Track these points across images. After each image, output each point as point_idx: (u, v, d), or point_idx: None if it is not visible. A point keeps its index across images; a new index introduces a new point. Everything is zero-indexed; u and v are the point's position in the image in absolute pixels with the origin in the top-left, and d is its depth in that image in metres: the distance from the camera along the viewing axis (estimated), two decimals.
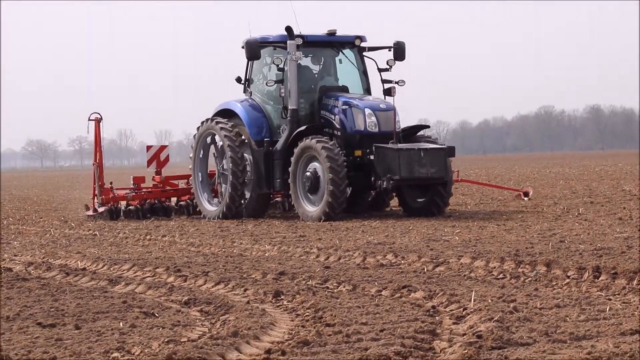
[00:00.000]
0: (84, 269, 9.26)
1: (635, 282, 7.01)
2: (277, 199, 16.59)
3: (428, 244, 10.33)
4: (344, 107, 14.71)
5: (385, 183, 14.01)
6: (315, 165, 14.36)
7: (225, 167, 15.43)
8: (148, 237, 12.78)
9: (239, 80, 15.83)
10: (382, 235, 11.61)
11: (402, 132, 14.77)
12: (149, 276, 8.54)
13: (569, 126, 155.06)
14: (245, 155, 15.27)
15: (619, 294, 6.68)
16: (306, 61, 15.43)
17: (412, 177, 14.12)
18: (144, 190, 16.87)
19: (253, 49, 15.02)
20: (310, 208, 14.45)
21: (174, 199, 16.99)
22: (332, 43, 15.46)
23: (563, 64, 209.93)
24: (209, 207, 15.80)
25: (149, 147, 17.49)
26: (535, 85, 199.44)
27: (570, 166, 41.69)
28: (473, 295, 6.64)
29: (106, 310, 6.65)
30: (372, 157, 14.25)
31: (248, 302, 6.91)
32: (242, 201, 15.35)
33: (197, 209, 16.21)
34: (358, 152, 14.47)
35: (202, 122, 15.89)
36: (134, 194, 16.68)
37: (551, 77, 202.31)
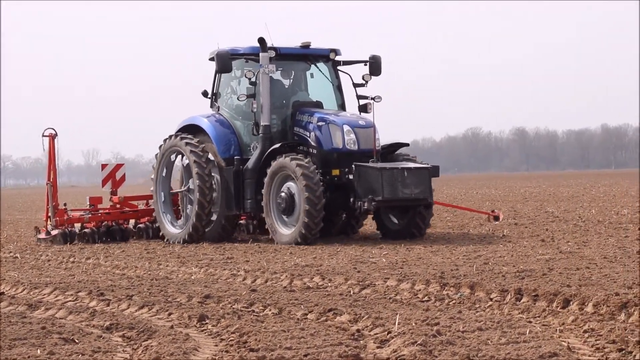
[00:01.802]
0: (2, 293, 8.99)
1: (554, 304, 7.15)
2: (241, 221, 15.69)
3: (355, 266, 10.36)
4: (319, 123, 13.99)
5: (366, 204, 13.22)
6: (290, 185, 13.59)
7: (191, 185, 14.59)
8: (71, 259, 12.53)
9: (205, 94, 14.94)
10: (310, 257, 11.60)
11: (381, 150, 14.04)
12: (70, 300, 8.36)
13: (495, 147, 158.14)
14: (213, 173, 14.47)
15: (539, 317, 6.79)
16: (276, 75, 14.59)
17: (395, 198, 13.39)
18: (100, 211, 16.03)
19: (224, 61, 14.20)
20: (285, 231, 13.68)
21: (132, 221, 16.03)
22: (305, 56, 14.77)
23: (490, 87, 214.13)
24: (172, 229, 14.90)
25: (104, 166, 16.59)
26: (463, 107, 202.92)
27: (497, 187, 42.43)
28: (397, 319, 6.67)
29: (24, 337, 6.47)
30: (351, 176, 13.49)
31: (172, 327, 6.82)
32: (209, 222, 14.51)
33: (160, 233, 15.20)
34: (335, 171, 13.63)
35: (166, 139, 14.96)
36: (90, 215, 15.83)
37: (478, 99, 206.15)
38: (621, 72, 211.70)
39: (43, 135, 16.25)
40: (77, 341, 6.31)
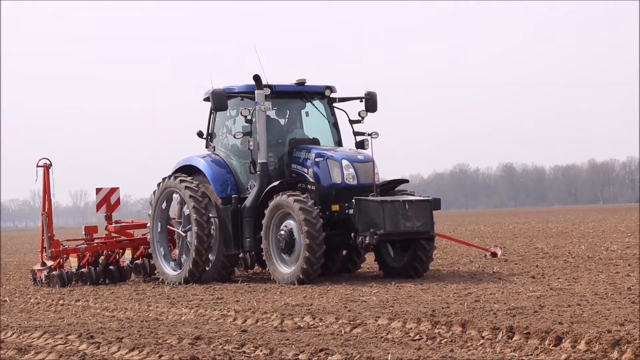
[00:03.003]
0: None
1: (547, 342, 7.13)
2: (239, 254, 15.35)
3: (346, 305, 10.33)
4: (317, 159, 13.87)
5: (368, 238, 12.99)
6: (289, 222, 13.40)
7: (188, 229, 14.47)
8: (61, 302, 12.44)
9: (200, 134, 14.89)
10: (301, 297, 11.56)
11: (380, 186, 13.82)
12: (60, 344, 8.29)
13: (483, 184, 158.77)
14: (211, 216, 14.29)
15: (531, 354, 6.78)
16: (272, 113, 14.50)
17: (397, 232, 13.14)
18: (96, 241, 15.90)
19: (220, 99, 14.14)
20: (285, 269, 13.47)
21: (128, 257, 15.73)
22: (301, 93, 14.71)
23: (477, 123, 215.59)
24: (170, 271, 14.73)
25: (98, 190, 16.50)
26: (450, 144, 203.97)
27: (485, 224, 42.50)
28: (389, 358, 6.65)
29: None
30: (351, 211, 13.26)
31: None
32: (209, 261, 14.42)
33: (155, 271, 15.16)
34: (335, 207, 13.42)
35: (162, 180, 14.82)
36: (86, 245, 15.73)
37: (466, 136, 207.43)
38: (607, 108, 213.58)
39: (37, 166, 16.17)
40: None
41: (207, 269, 14.51)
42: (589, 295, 10.26)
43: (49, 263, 15.48)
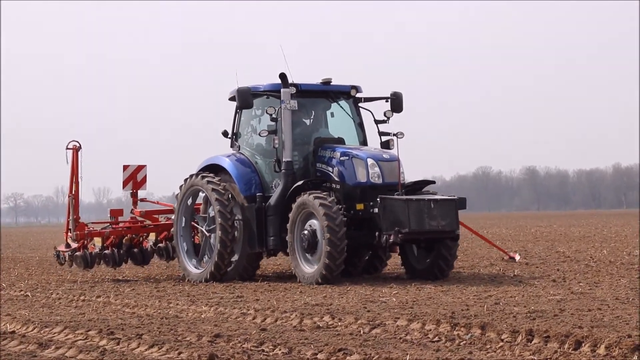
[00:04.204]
0: (13, 332, 9.00)
1: (566, 346, 7.10)
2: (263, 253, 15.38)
3: (365, 305, 10.33)
4: (342, 158, 13.82)
5: (392, 237, 12.91)
6: (313, 222, 13.38)
7: (212, 224, 14.47)
8: (82, 297, 12.54)
9: (225, 134, 14.95)
10: (320, 296, 11.57)
11: (405, 187, 13.75)
12: (80, 339, 8.36)
13: (505, 187, 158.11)
14: (236, 219, 14.33)
15: (550, 358, 6.75)
16: (297, 112, 14.38)
17: (422, 230, 13.05)
18: (121, 225, 15.95)
19: (245, 97, 14.26)
20: (308, 268, 13.46)
21: (152, 239, 15.71)
22: (326, 93, 14.70)
23: (500, 126, 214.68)
24: (192, 268, 14.81)
25: (125, 167, 16.42)
26: (473, 147, 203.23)
27: (507, 227, 42.29)
28: (408, 359, 6.65)
29: None
30: (376, 210, 13.20)
31: None
32: (231, 262, 14.46)
33: (178, 266, 15.27)
34: (360, 206, 13.35)
35: (187, 178, 14.92)
36: (111, 229, 15.80)
37: (489, 139, 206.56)
38: (633, 111, 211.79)
39: (67, 148, 16.20)
40: None
41: (228, 270, 14.55)
42: (609, 299, 10.20)
43: (74, 245, 15.54)
